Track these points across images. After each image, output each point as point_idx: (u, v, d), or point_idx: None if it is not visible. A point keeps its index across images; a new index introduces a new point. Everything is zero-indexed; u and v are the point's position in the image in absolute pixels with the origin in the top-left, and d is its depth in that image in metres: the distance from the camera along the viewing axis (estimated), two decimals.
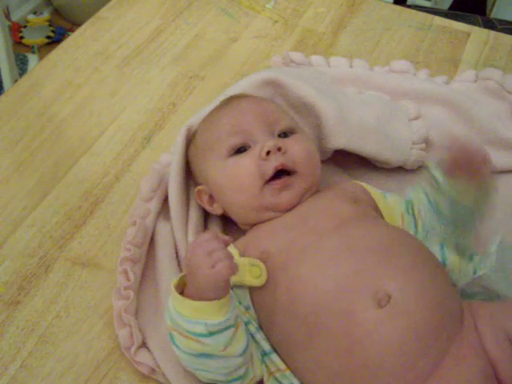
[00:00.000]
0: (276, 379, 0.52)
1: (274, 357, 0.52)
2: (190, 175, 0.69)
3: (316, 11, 1.01)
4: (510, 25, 1.29)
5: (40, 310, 0.62)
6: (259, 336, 0.53)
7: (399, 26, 0.98)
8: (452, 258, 0.57)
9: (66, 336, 0.60)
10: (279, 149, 0.58)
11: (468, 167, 0.54)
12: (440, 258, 0.56)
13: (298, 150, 0.60)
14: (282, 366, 0.51)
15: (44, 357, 0.59)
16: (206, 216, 0.68)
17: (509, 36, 0.95)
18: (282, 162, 0.58)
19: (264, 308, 0.53)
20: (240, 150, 0.60)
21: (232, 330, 0.48)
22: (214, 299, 0.47)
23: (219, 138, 0.61)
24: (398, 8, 1.02)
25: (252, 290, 0.54)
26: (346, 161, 0.75)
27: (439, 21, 0.99)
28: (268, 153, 0.58)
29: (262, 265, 0.54)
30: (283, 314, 0.51)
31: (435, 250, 0.57)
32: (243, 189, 0.59)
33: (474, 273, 0.55)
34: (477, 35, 0.96)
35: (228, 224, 0.67)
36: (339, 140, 0.68)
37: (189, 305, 0.48)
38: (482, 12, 1.55)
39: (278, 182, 0.58)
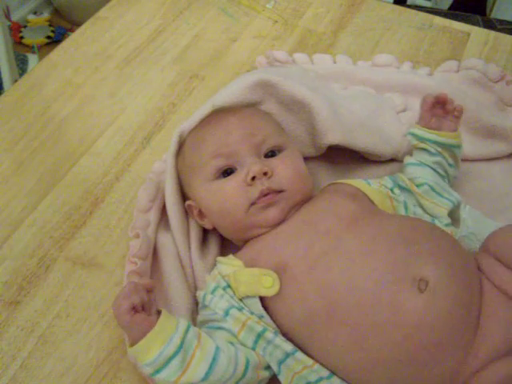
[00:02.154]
0: (302, 377, 0.51)
1: (299, 354, 0.51)
2: None
3: (316, 11, 1.01)
4: (509, 25, 1.29)
5: (40, 310, 0.62)
6: (278, 340, 0.51)
7: (399, 26, 0.97)
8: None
9: (66, 336, 0.60)
10: (265, 173, 0.58)
11: (441, 107, 0.66)
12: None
13: (285, 171, 0.59)
14: (309, 361, 0.51)
15: (44, 357, 0.59)
16: None
17: (509, 36, 0.95)
18: (267, 186, 0.57)
19: (288, 316, 0.52)
20: (226, 171, 0.60)
21: (177, 359, 0.48)
22: (139, 339, 0.48)
23: (205, 159, 0.61)
24: (398, 8, 1.02)
25: (266, 299, 0.53)
26: (337, 156, 0.75)
27: (439, 21, 0.99)
28: (253, 178, 0.57)
29: (274, 274, 0.53)
30: (320, 322, 0.50)
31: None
32: (229, 213, 0.59)
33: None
34: (477, 35, 0.96)
35: None
36: (334, 135, 0.68)
37: (131, 352, 0.50)
38: (482, 12, 1.55)
39: (262, 200, 0.57)
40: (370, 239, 0.53)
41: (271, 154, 0.61)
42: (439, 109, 0.67)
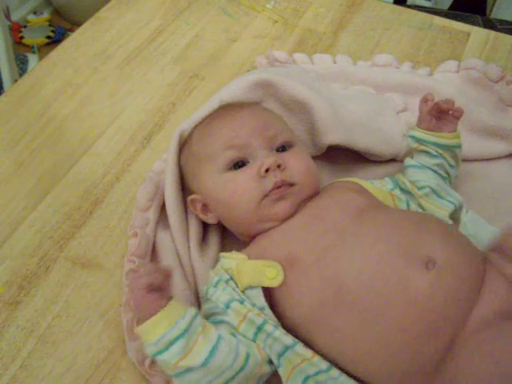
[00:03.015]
0: (301, 370, 0.51)
1: (299, 347, 0.51)
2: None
3: (316, 11, 1.01)
4: (509, 25, 1.29)
5: (40, 309, 0.62)
6: (278, 332, 0.52)
7: (399, 26, 0.98)
8: None
9: (66, 336, 0.60)
10: (279, 166, 0.58)
11: (439, 111, 0.66)
12: None
13: (296, 165, 0.60)
14: (309, 354, 0.51)
15: (44, 357, 0.59)
16: (206, 223, 0.67)
17: (509, 36, 0.95)
18: (281, 178, 0.58)
19: (295, 308, 0.53)
20: (238, 163, 0.60)
21: (180, 342, 0.49)
22: (147, 318, 0.49)
23: (217, 150, 0.61)
24: (398, 8, 1.02)
25: (270, 290, 0.54)
26: (337, 156, 0.75)
27: (439, 21, 0.99)
28: (267, 170, 0.58)
29: (278, 265, 0.53)
30: (329, 310, 0.51)
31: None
32: (241, 205, 0.59)
33: None
34: (477, 35, 0.96)
35: (227, 230, 0.66)
36: (335, 135, 0.68)
37: (137, 330, 0.50)
38: (482, 12, 1.55)
39: (275, 192, 0.58)
40: (376, 227, 0.54)
41: (282, 148, 0.62)
42: (438, 110, 0.66)
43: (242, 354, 0.51)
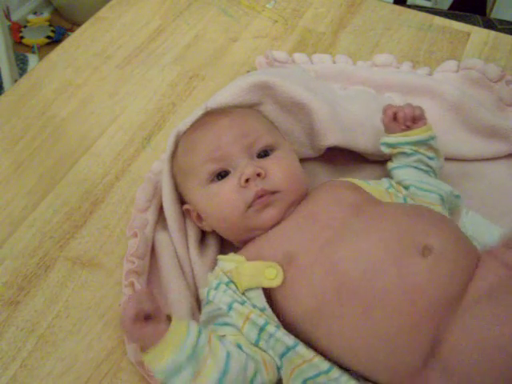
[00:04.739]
0: (301, 372, 0.51)
1: (300, 348, 0.51)
2: None
3: (316, 11, 1.01)
4: (509, 25, 1.29)
5: (40, 310, 0.62)
6: (280, 333, 0.52)
7: (399, 26, 0.98)
8: None
9: (66, 336, 0.60)
10: (258, 174, 0.58)
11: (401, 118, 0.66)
12: None
13: (278, 171, 0.59)
14: (310, 355, 0.51)
15: (44, 357, 0.59)
16: None
17: (509, 36, 0.95)
18: (262, 187, 0.57)
19: (296, 306, 0.53)
20: (220, 174, 0.60)
21: (189, 367, 0.48)
22: (151, 346, 0.48)
23: (197, 164, 0.61)
24: (398, 8, 1.02)
25: (269, 291, 0.54)
26: (336, 156, 0.75)
27: (439, 21, 0.99)
28: (247, 180, 0.57)
29: (277, 266, 0.53)
30: (328, 303, 0.51)
31: None
32: (226, 216, 0.59)
33: None
34: (477, 35, 0.96)
35: None
36: (334, 136, 0.68)
37: (144, 357, 0.49)
38: (482, 12, 1.55)
39: (259, 202, 0.58)
40: (372, 220, 0.55)
41: (264, 153, 0.61)
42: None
43: (250, 372, 0.50)
